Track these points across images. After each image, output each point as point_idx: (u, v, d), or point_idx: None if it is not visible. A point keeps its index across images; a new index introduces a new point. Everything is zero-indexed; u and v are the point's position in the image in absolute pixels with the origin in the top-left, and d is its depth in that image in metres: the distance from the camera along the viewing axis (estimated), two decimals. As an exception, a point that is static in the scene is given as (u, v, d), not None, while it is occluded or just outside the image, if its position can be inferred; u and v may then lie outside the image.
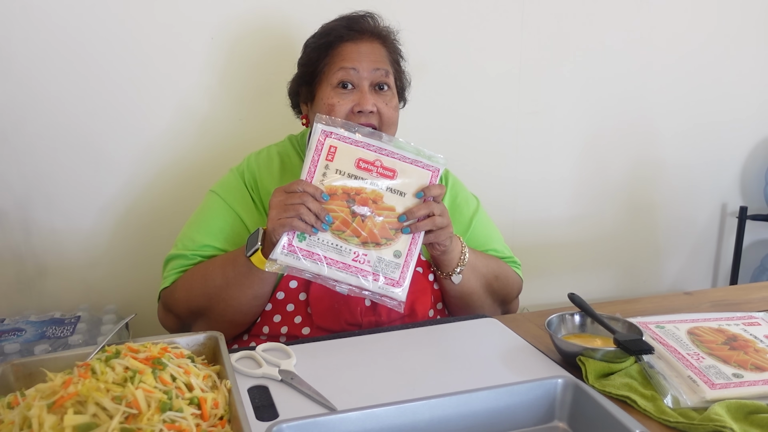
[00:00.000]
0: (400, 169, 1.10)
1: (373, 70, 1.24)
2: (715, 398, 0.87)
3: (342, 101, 1.22)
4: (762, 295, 1.35)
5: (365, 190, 1.08)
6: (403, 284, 1.08)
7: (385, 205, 1.09)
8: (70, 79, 1.56)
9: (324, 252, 1.06)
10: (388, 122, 1.24)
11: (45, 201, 1.60)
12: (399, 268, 1.08)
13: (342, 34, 1.26)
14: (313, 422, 0.76)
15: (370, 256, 1.07)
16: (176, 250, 1.26)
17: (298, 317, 1.20)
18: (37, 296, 1.64)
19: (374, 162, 1.09)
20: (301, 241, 1.06)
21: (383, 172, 1.09)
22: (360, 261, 1.07)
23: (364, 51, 1.25)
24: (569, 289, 1.17)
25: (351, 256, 1.07)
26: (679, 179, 2.27)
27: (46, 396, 0.75)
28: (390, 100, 1.26)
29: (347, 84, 1.23)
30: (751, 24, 2.20)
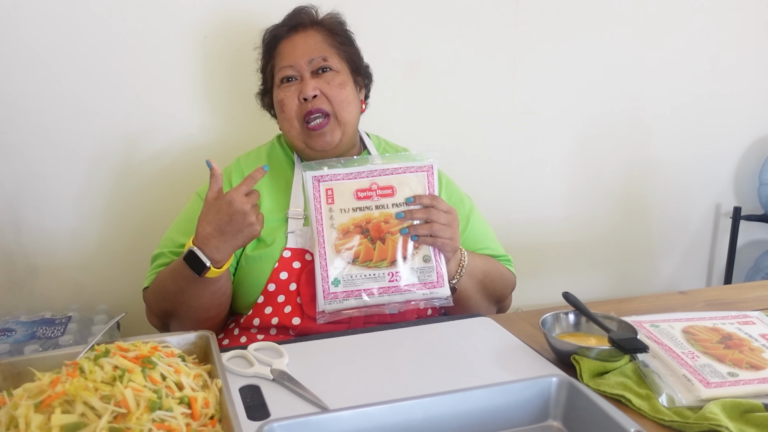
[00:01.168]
0: (397, 183, 1.15)
1: (309, 61, 1.26)
2: (710, 397, 0.87)
3: (288, 94, 1.26)
4: (756, 294, 1.34)
5: (374, 216, 1.14)
6: (443, 283, 1.16)
7: (396, 222, 1.15)
8: (61, 78, 1.54)
9: (362, 285, 1.13)
10: (337, 101, 1.25)
11: (36, 200, 1.59)
12: (433, 270, 1.15)
13: (277, 33, 1.31)
14: (305, 421, 0.75)
15: (403, 271, 1.14)
16: (158, 249, 1.28)
17: (288, 307, 1.20)
18: (28, 296, 1.63)
19: (370, 187, 1.15)
20: (337, 286, 1.13)
21: (382, 192, 1.15)
22: (397, 279, 1.14)
23: (298, 44, 1.28)
24: (563, 289, 1.16)
25: (387, 278, 1.14)
26: (673, 179, 2.27)
27: (33, 395, 0.74)
28: (332, 78, 1.27)
29: (290, 78, 1.26)
30: (745, 25, 2.21)
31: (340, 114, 1.25)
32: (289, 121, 1.26)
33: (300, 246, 1.21)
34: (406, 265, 1.14)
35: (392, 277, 1.13)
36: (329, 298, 1.12)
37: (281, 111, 1.27)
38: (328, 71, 1.27)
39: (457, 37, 1.88)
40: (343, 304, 1.12)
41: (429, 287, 1.14)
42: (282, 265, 1.20)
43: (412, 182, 1.15)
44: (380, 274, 1.13)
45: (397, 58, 1.40)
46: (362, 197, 1.14)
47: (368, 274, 1.13)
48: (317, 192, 1.14)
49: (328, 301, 1.12)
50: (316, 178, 1.14)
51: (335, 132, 1.25)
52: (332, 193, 1.14)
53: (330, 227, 1.13)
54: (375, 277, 1.13)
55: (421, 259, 1.15)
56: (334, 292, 1.12)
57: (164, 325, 1.26)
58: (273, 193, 1.28)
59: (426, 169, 1.15)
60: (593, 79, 2.06)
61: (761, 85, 2.29)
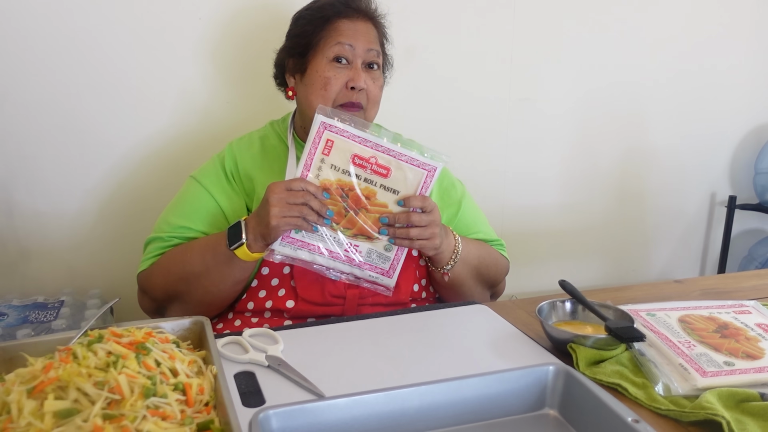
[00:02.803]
0: (395, 167, 1.12)
1: (368, 50, 1.25)
2: (706, 386, 0.87)
3: (337, 75, 1.23)
4: (752, 283, 1.35)
5: (359, 186, 1.11)
6: (393, 275, 1.15)
7: (377, 202, 1.12)
8: (54, 60, 1.52)
9: (319, 243, 1.11)
10: (373, 100, 1.27)
11: (28, 183, 1.57)
12: (389, 261, 1.15)
13: (339, 9, 1.27)
14: (301, 409, 0.75)
15: (362, 247, 1.13)
16: (153, 233, 1.27)
17: (282, 290, 1.20)
18: (20, 280, 1.61)
19: (369, 159, 1.11)
20: (297, 233, 1.10)
21: (377, 169, 1.11)
22: (352, 251, 1.13)
23: (360, 29, 1.26)
24: (558, 277, 1.16)
25: (344, 246, 1.12)
26: (669, 168, 2.27)
27: (26, 381, 0.73)
28: (377, 78, 1.28)
29: (342, 59, 1.24)
30: (741, 15, 2.20)
31: (369, 112, 1.27)
32: (325, 100, 1.23)
33: None
34: (367, 244, 1.13)
35: (348, 247, 1.12)
36: (285, 240, 1.10)
37: (322, 87, 1.23)
38: (376, 69, 1.28)
39: (455, 22, 1.86)
40: (296, 253, 1.11)
41: (377, 272, 1.14)
42: None
43: (408, 174, 1.12)
44: (340, 239, 1.12)
45: (395, 43, 1.39)
46: (357, 164, 1.11)
47: (329, 235, 1.11)
48: (318, 137, 1.10)
49: (283, 244, 1.10)
50: (324, 124, 1.10)
51: None
52: (331, 146, 1.11)
53: (314, 177, 1.10)
54: (334, 240, 1.12)
55: (383, 246, 1.14)
56: (292, 237, 1.10)
57: (159, 309, 1.25)
58: (266, 178, 1.27)
59: (428, 168, 1.12)
60: (590, 67, 2.05)
61: (757, 75, 2.29)
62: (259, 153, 1.31)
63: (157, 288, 1.21)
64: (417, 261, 1.28)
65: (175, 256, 1.20)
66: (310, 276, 1.19)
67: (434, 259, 1.21)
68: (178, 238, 1.23)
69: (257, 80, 1.65)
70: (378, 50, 1.28)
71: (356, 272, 1.14)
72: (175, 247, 1.22)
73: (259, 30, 1.65)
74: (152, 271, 1.22)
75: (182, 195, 1.30)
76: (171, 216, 1.27)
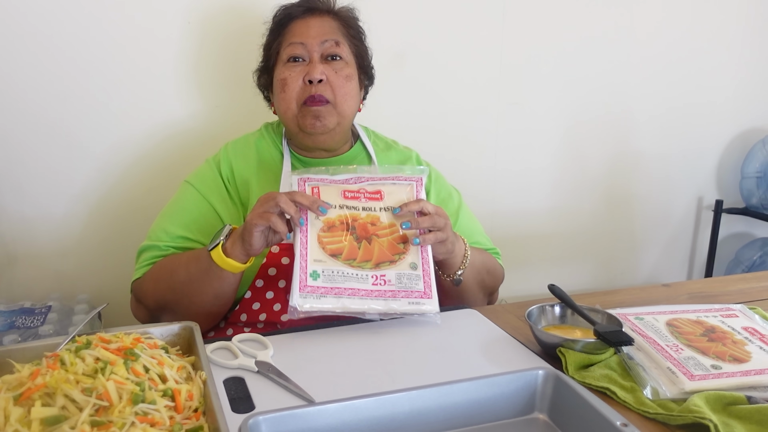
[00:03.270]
0: (386, 191, 1.11)
1: (322, 42, 1.23)
2: (694, 389, 0.87)
3: (293, 73, 1.22)
4: (739, 287, 1.36)
5: (360, 216, 1.09)
6: (431, 295, 1.06)
7: (384, 225, 1.09)
8: (43, 64, 1.51)
9: (342, 284, 1.03)
10: (340, 92, 1.23)
11: (15, 188, 1.56)
12: (420, 279, 1.07)
13: (292, 12, 1.27)
14: (291, 414, 0.75)
15: (389, 275, 1.05)
16: (149, 241, 1.23)
17: (278, 305, 1.18)
18: (7, 285, 1.60)
19: (359, 191, 1.10)
20: (315, 279, 1.02)
21: (371, 196, 1.10)
22: (381, 283, 1.05)
23: (312, 25, 1.25)
24: (547, 281, 1.17)
25: (370, 281, 1.04)
26: (656, 172, 2.29)
27: (12, 388, 0.73)
28: (341, 69, 1.25)
29: (298, 58, 1.23)
30: (728, 19, 2.22)
31: (341, 106, 1.23)
32: (288, 101, 1.22)
33: (289, 241, 1.16)
34: (392, 270, 1.06)
35: (376, 280, 1.04)
36: (305, 291, 1.01)
37: (282, 90, 1.23)
38: (338, 60, 1.25)
39: (444, 28, 1.87)
40: (321, 302, 1.01)
41: (415, 297, 1.04)
42: (270, 260, 1.17)
43: (399, 191, 1.11)
44: (363, 275, 1.04)
45: (384, 50, 1.39)
46: (350, 197, 1.09)
47: (351, 273, 1.04)
48: (302, 189, 1.08)
49: (304, 295, 1.00)
50: (302, 179, 1.09)
51: (332, 117, 1.23)
52: (318, 191, 1.09)
53: (315, 218, 1.07)
54: (358, 277, 1.04)
55: (408, 265, 1.07)
56: (312, 286, 1.01)
57: (153, 319, 1.22)
58: (260, 185, 1.26)
59: (415, 180, 1.13)
60: (579, 72, 2.07)
61: (743, 79, 2.31)
62: (254, 160, 1.29)
63: (149, 297, 1.19)
64: None
65: (165, 264, 1.18)
66: None
67: (446, 264, 1.17)
68: (175, 248, 1.21)
69: (246, 84, 1.64)
70: (337, 40, 1.25)
71: (394, 305, 1.03)
72: (169, 256, 1.20)
73: (248, 33, 1.64)
74: (145, 279, 1.20)
75: (178, 202, 1.27)
76: (167, 224, 1.23)
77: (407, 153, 1.41)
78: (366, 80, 1.37)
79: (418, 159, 1.42)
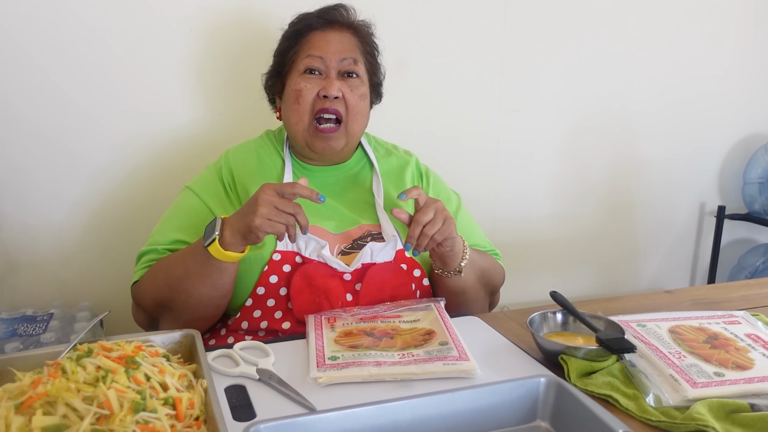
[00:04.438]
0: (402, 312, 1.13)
1: (341, 60, 1.24)
2: (696, 397, 0.87)
3: (309, 86, 1.22)
4: (741, 293, 1.35)
5: (379, 327, 1.08)
6: (467, 357, 0.96)
7: (405, 329, 1.07)
8: (44, 71, 1.52)
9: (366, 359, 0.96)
10: (353, 110, 1.24)
11: (16, 195, 1.56)
12: (453, 349, 0.99)
13: (312, 22, 1.27)
14: (292, 423, 0.75)
15: (417, 352, 0.98)
16: (148, 245, 1.24)
17: (279, 312, 1.17)
18: (8, 293, 1.60)
19: (374, 316, 1.12)
20: (335, 361, 0.95)
21: (386, 319, 1.11)
22: (408, 357, 0.97)
23: (332, 39, 1.25)
24: (549, 287, 1.16)
25: (397, 356, 0.97)
26: (658, 179, 2.29)
27: (14, 396, 0.73)
28: (357, 87, 1.25)
29: (314, 71, 1.23)
30: (729, 24, 2.22)
31: (351, 124, 1.24)
32: (301, 114, 1.23)
33: (290, 248, 1.18)
34: (420, 349, 0.99)
35: (403, 357, 0.96)
36: (323, 366, 0.94)
37: (295, 101, 1.23)
38: (355, 77, 1.25)
39: (446, 35, 1.87)
40: (342, 372, 0.92)
41: (451, 360, 0.95)
42: (272, 268, 1.17)
43: (418, 311, 1.14)
44: (389, 354, 0.97)
45: (385, 56, 1.39)
46: (366, 319, 1.11)
47: (374, 354, 0.97)
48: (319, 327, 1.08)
49: (323, 369, 0.93)
50: (316, 317, 1.12)
51: (341, 139, 1.24)
52: (333, 321, 1.10)
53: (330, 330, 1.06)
54: (383, 355, 0.97)
55: (437, 343, 1.01)
56: (330, 364, 0.95)
57: (152, 321, 1.22)
58: None
59: (433, 300, 1.17)
60: (580, 78, 2.07)
61: (745, 84, 2.31)
62: (255, 166, 1.29)
63: (147, 297, 1.19)
64: (419, 281, 1.25)
65: (161, 263, 1.18)
66: (307, 297, 1.16)
67: (449, 258, 1.17)
68: (172, 251, 1.21)
69: (249, 91, 1.65)
70: (355, 58, 1.26)
71: (429, 368, 0.93)
72: (164, 257, 1.20)
73: (251, 41, 1.65)
74: (142, 280, 1.20)
75: (178, 206, 1.28)
76: (167, 229, 1.24)
77: (406, 158, 1.42)
78: (375, 98, 1.38)
79: (417, 163, 1.42)
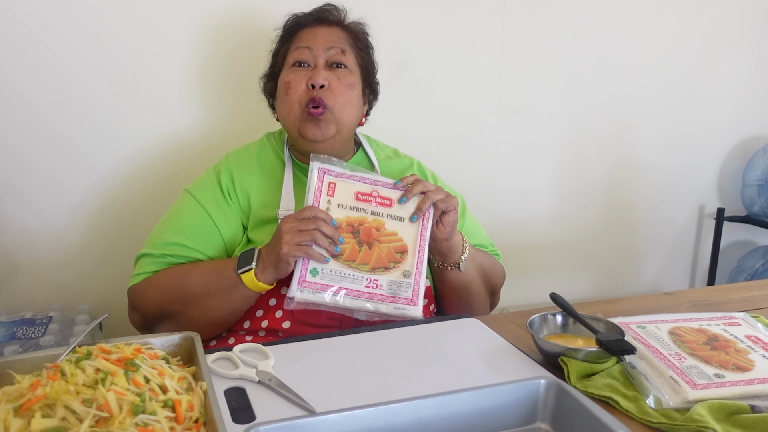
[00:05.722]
0: (396, 197, 1.16)
1: (328, 49, 1.26)
2: (697, 399, 0.87)
3: (297, 77, 1.24)
4: (741, 295, 1.35)
5: (367, 220, 1.14)
6: (417, 302, 1.14)
7: (387, 232, 1.15)
8: (44, 74, 1.52)
9: (339, 283, 1.11)
10: (341, 99, 1.24)
11: (16, 198, 1.56)
12: (410, 287, 1.14)
13: (302, 20, 1.30)
14: (292, 425, 0.74)
15: (382, 281, 1.13)
16: (146, 248, 1.24)
17: (279, 311, 1.18)
18: (8, 296, 1.60)
19: (371, 193, 1.15)
20: (315, 276, 1.10)
21: (381, 201, 1.15)
22: (373, 287, 1.12)
23: (320, 32, 1.28)
24: (549, 289, 1.16)
25: (364, 282, 1.12)
26: (657, 181, 2.29)
27: (12, 399, 0.72)
28: (344, 76, 1.26)
29: (303, 63, 1.25)
30: (728, 26, 2.22)
31: (339, 113, 1.24)
32: (290, 104, 1.24)
33: None
34: (385, 276, 1.13)
35: (369, 283, 1.12)
36: (303, 285, 1.09)
37: (285, 93, 1.24)
38: (343, 68, 1.26)
39: (445, 36, 1.87)
40: (315, 296, 1.09)
41: (402, 303, 1.12)
42: None
43: (409, 205, 1.16)
44: (359, 276, 1.12)
45: (385, 58, 1.40)
46: (361, 199, 1.14)
47: (347, 274, 1.11)
48: (320, 182, 1.13)
49: (301, 289, 1.08)
50: (322, 170, 1.14)
51: (330, 125, 1.23)
52: (334, 187, 1.14)
53: (325, 205, 1.13)
54: (353, 278, 1.11)
55: (401, 273, 1.14)
56: (309, 281, 1.09)
57: (149, 326, 1.23)
58: (263, 193, 1.26)
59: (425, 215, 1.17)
60: (579, 80, 2.07)
61: (744, 87, 2.32)
62: (256, 168, 1.29)
63: (151, 305, 1.18)
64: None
65: (176, 274, 1.18)
66: None
67: (449, 250, 1.19)
68: (171, 255, 1.21)
69: (248, 94, 1.66)
70: (343, 48, 1.27)
71: (381, 308, 1.12)
72: (178, 266, 1.20)
73: (250, 44, 1.66)
74: (147, 287, 1.19)
75: (176, 210, 1.28)
76: (164, 232, 1.24)
77: (408, 162, 1.42)
78: (370, 94, 1.38)
79: (419, 166, 1.43)
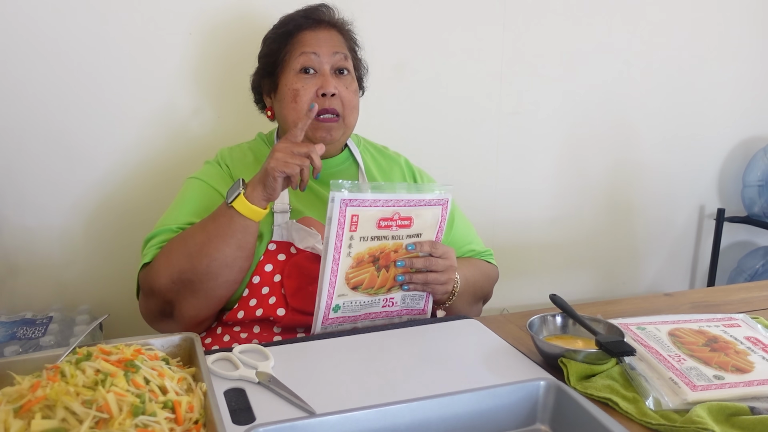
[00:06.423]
0: (415, 215, 1.14)
1: (333, 54, 1.28)
2: (696, 400, 0.87)
3: (306, 86, 1.26)
4: (741, 296, 1.35)
5: (388, 246, 1.13)
6: (428, 311, 1.22)
7: (405, 252, 1.15)
8: (44, 73, 1.52)
9: (359, 312, 1.15)
10: (349, 106, 1.29)
11: (16, 197, 1.56)
12: (423, 298, 1.20)
13: (300, 22, 1.31)
14: (291, 426, 0.74)
15: (396, 298, 1.17)
16: (157, 229, 1.22)
17: (273, 298, 1.20)
18: (8, 296, 1.60)
19: (392, 217, 1.12)
20: (336, 312, 1.13)
21: (401, 223, 1.13)
22: (389, 305, 1.17)
23: (322, 37, 1.30)
24: (549, 290, 1.17)
25: (381, 304, 1.17)
26: (657, 181, 2.29)
27: (12, 400, 0.72)
28: (350, 84, 1.30)
29: (309, 69, 1.27)
30: (728, 27, 2.23)
31: (347, 118, 1.29)
32: (299, 111, 1.26)
33: (285, 239, 1.23)
34: (400, 292, 1.17)
35: (385, 303, 1.17)
36: (326, 323, 1.13)
37: (293, 100, 1.26)
38: (347, 74, 1.30)
39: (445, 38, 1.88)
40: (336, 329, 1.15)
41: (414, 314, 1.20)
42: (267, 257, 1.21)
43: (427, 216, 1.14)
44: (377, 300, 1.15)
45: (385, 59, 1.40)
46: (383, 226, 1.11)
47: (366, 301, 1.14)
48: (342, 217, 1.07)
49: (325, 327, 1.14)
50: (344, 201, 1.07)
51: (339, 131, 1.29)
52: (357, 220, 1.09)
53: (346, 255, 1.10)
54: (371, 303, 1.15)
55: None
56: (332, 318, 1.13)
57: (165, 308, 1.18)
58: None
59: (443, 203, 1.15)
60: (579, 81, 2.07)
61: (744, 87, 2.32)
62: (252, 163, 1.32)
63: (163, 276, 1.14)
64: None
65: (176, 238, 1.17)
66: (299, 283, 1.19)
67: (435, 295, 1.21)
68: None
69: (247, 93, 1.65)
70: (345, 53, 1.30)
71: (395, 320, 1.20)
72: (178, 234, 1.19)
73: (250, 44, 1.65)
74: (155, 260, 1.17)
75: (185, 194, 1.28)
76: (177, 213, 1.24)
77: (396, 158, 1.45)
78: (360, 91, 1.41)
79: (407, 163, 1.45)
